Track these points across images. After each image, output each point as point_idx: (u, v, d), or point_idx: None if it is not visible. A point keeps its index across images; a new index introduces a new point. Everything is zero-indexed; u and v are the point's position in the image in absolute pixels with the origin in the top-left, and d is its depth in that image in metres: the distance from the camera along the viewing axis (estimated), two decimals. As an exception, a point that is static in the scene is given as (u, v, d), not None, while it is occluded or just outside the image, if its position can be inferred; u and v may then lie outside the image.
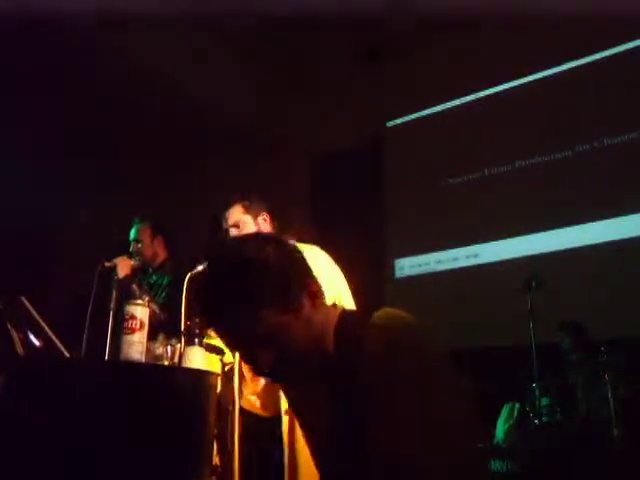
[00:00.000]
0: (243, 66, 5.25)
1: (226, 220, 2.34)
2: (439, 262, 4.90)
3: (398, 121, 5.46)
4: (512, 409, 3.71)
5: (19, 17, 4.29)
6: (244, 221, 2.31)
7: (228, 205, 2.35)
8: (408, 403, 1.03)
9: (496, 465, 3.37)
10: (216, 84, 5.29)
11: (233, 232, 2.32)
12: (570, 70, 4.59)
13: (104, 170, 6.05)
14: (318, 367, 1.16)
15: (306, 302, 1.12)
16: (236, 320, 1.10)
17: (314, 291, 1.14)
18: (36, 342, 1.66)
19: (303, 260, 1.15)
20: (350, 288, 2.19)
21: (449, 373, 1.10)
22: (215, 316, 1.12)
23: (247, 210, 2.33)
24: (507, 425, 3.63)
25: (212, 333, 1.99)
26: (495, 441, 3.62)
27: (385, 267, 5.16)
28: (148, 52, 4.97)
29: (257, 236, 1.18)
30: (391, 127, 5.50)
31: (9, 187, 5.34)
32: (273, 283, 1.09)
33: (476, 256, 4.74)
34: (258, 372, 1.14)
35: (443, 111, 5.18)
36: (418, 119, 5.34)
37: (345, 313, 1.18)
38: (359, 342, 1.09)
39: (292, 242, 1.17)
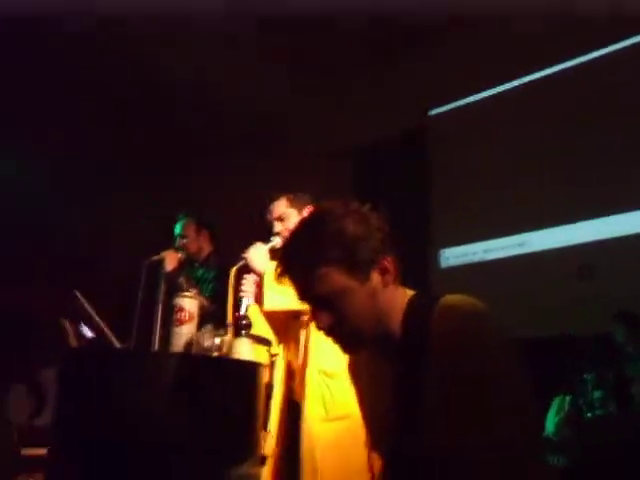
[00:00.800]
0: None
1: (270, 213, 2.36)
2: (485, 251, 4.81)
3: (441, 109, 5.36)
4: (563, 401, 3.62)
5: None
6: (288, 214, 2.31)
7: (273, 198, 2.36)
8: (468, 394, 1.02)
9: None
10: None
11: (277, 225, 2.33)
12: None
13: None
14: (381, 344, 1.17)
15: (375, 276, 1.15)
16: (301, 271, 1.14)
17: (386, 268, 1.15)
18: (89, 334, 1.70)
19: (385, 238, 1.17)
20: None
21: (513, 361, 1.09)
22: (283, 264, 1.18)
23: (292, 203, 2.34)
24: (558, 418, 3.55)
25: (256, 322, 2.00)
26: (545, 434, 3.55)
27: (430, 257, 5.09)
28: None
29: (349, 204, 1.19)
30: (434, 115, 5.41)
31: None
32: (343, 245, 1.11)
33: (522, 245, 4.63)
34: (319, 329, 1.17)
35: (487, 98, 5.06)
36: (461, 106, 5.23)
37: (415, 297, 1.19)
38: (427, 328, 1.09)
39: (383, 221, 1.19)
